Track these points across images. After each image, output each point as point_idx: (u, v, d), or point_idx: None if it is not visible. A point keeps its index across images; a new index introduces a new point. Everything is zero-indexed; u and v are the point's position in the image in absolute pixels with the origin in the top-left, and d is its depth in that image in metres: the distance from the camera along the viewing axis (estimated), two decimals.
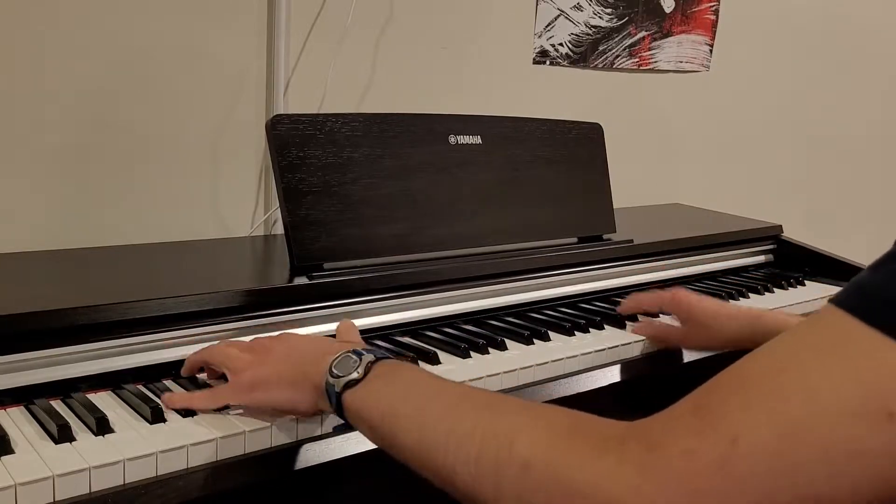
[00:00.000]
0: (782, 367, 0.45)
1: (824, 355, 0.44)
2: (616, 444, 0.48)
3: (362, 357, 0.67)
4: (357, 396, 0.65)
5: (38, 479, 0.61)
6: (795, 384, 0.44)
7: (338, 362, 0.67)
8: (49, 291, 0.89)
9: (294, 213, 0.97)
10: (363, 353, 0.67)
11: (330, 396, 0.67)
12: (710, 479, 0.43)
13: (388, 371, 0.66)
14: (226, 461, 0.70)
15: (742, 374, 0.47)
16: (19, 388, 0.75)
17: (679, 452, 0.45)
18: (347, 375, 0.66)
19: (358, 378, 0.65)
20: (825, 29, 2.25)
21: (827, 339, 0.45)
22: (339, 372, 0.67)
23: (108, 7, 1.13)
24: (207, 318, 0.86)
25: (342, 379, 0.66)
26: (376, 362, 0.67)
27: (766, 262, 1.55)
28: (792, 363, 0.45)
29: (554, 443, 0.50)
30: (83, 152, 1.15)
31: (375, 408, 0.63)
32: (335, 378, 0.66)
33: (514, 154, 1.19)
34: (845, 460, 0.41)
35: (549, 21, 1.64)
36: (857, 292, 0.45)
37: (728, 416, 0.44)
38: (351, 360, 0.67)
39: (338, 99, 1.36)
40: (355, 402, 0.65)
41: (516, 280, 1.14)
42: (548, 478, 0.49)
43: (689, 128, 1.99)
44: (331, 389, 0.66)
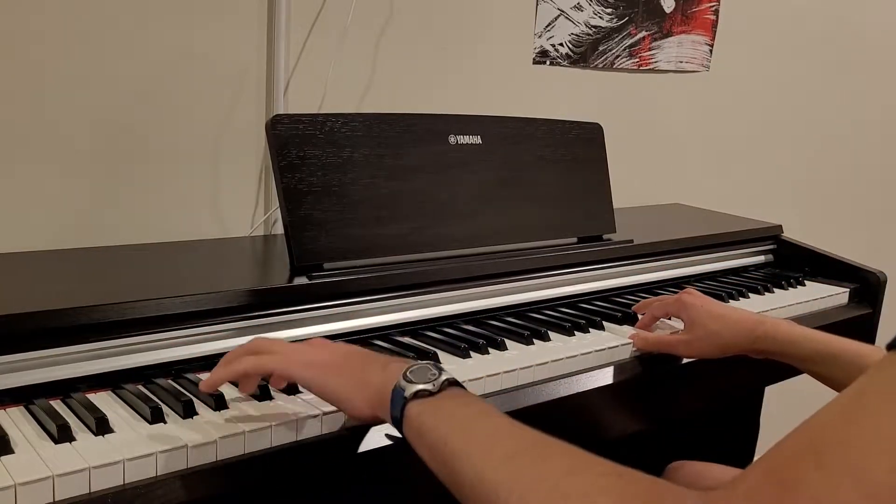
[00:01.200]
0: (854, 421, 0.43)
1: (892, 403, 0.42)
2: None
3: (442, 373, 0.64)
4: (424, 409, 0.62)
5: (38, 479, 0.61)
6: (869, 437, 0.42)
7: (415, 369, 0.65)
8: (49, 291, 0.89)
9: (294, 213, 0.97)
10: (443, 371, 0.65)
11: (395, 401, 0.63)
12: None
13: (462, 395, 0.63)
14: (226, 461, 0.70)
15: (814, 432, 0.45)
16: (19, 388, 0.75)
17: None
18: (422, 383, 0.63)
19: (431, 391, 0.62)
20: (825, 29, 2.25)
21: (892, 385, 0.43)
22: (413, 378, 0.64)
23: (107, 7, 1.13)
24: (207, 318, 0.86)
25: (415, 385, 0.63)
26: (452, 385, 0.64)
27: (766, 262, 1.55)
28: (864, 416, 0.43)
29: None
30: (83, 152, 1.15)
31: (440, 428, 0.60)
32: (408, 382, 0.63)
33: (514, 154, 1.19)
34: None
35: (549, 21, 1.64)
36: None
37: (806, 480, 0.42)
38: (430, 371, 0.64)
39: (338, 99, 1.36)
40: (421, 414, 0.62)
41: (516, 280, 1.14)
42: None
43: (689, 128, 1.99)
44: (398, 393, 0.63)
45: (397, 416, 0.64)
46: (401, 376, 0.64)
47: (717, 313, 1.02)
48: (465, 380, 0.87)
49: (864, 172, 2.51)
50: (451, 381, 0.64)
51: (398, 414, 0.63)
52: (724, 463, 1.18)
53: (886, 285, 1.43)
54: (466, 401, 0.63)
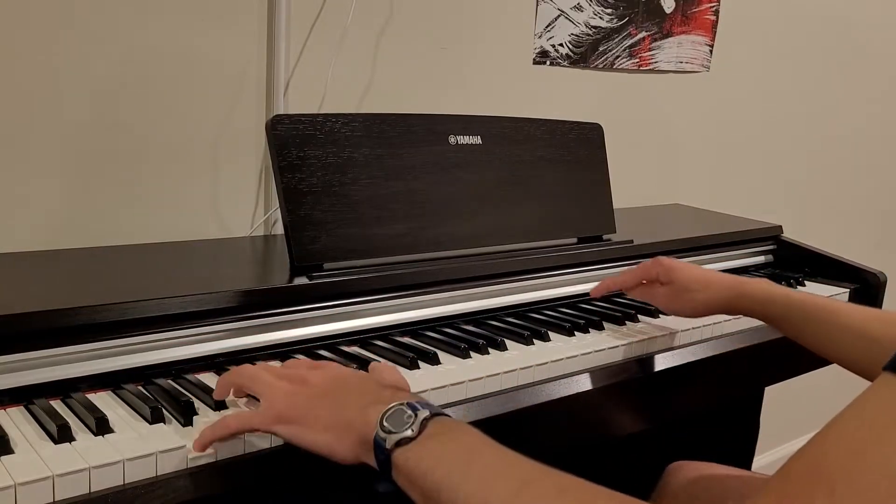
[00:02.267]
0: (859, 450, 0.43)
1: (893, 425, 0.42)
2: None
3: (417, 413, 0.61)
4: (410, 457, 0.59)
5: (38, 479, 0.61)
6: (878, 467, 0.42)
7: (390, 415, 0.62)
8: (49, 291, 0.89)
9: (294, 213, 0.97)
10: (418, 408, 0.62)
11: (378, 453, 0.61)
12: None
13: (445, 431, 0.61)
14: (226, 461, 0.70)
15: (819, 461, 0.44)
16: (19, 388, 0.75)
17: None
18: (401, 432, 0.60)
19: (412, 436, 0.60)
20: (825, 29, 2.25)
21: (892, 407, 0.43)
22: (391, 427, 0.61)
23: (107, 7, 1.13)
24: (207, 318, 0.86)
25: (394, 436, 0.60)
26: (431, 419, 0.61)
27: (766, 262, 1.55)
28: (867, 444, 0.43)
29: None
30: (83, 153, 1.15)
31: (431, 475, 0.58)
32: (386, 433, 0.61)
33: (514, 154, 1.19)
34: None
35: (549, 21, 1.64)
36: None
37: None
38: (405, 414, 0.62)
39: (338, 99, 1.36)
40: (408, 462, 0.59)
41: (516, 280, 1.14)
42: None
43: (689, 128, 1.99)
44: (380, 445, 0.61)
45: (384, 468, 0.62)
46: (378, 427, 0.62)
47: (698, 274, 1.06)
48: (466, 380, 0.87)
49: (864, 172, 2.51)
50: (427, 416, 0.61)
51: (385, 466, 0.62)
52: (724, 463, 1.18)
53: (886, 285, 1.43)
54: (450, 436, 0.60)
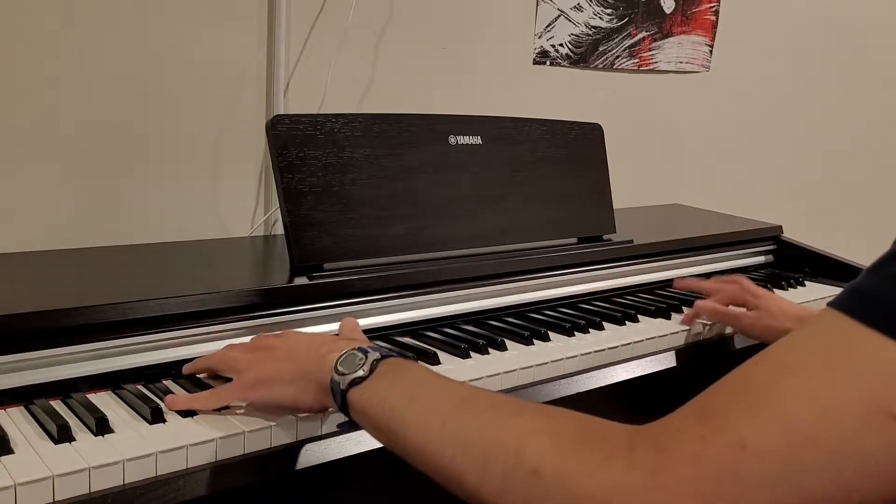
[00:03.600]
0: (785, 370, 0.45)
1: (825, 358, 0.44)
2: (624, 450, 0.47)
3: (367, 354, 0.67)
4: (362, 394, 0.65)
5: (38, 479, 0.61)
6: (799, 388, 0.44)
7: (343, 360, 0.68)
8: (49, 291, 0.89)
9: (294, 213, 0.97)
10: (368, 351, 0.68)
11: (335, 394, 0.67)
12: (717, 484, 0.43)
13: (393, 369, 0.66)
14: (225, 461, 0.70)
15: (746, 377, 0.47)
16: (19, 388, 0.75)
17: (686, 457, 0.45)
18: (353, 373, 0.66)
19: (363, 376, 0.65)
20: (825, 29, 2.25)
21: (827, 341, 0.45)
22: (344, 369, 0.67)
23: (108, 8, 1.13)
24: (207, 318, 0.86)
25: (347, 376, 0.66)
26: (381, 360, 0.67)
27: (767, 262, 1.55)
28: (795, 367, 0.45)
29: (562, 449, 0.50)
30: (83, 153, 1.15)
31: (380, 407, 0.63)
32: (340, 375, 0.67)
33: (514, 154, 1.19)
34: (850, 462, 0.41)
35: (549, 21, 1.64)
36: (854, 294, 0.45)
37: (734, 420, 0.45)
38: (356, 357, 0.67)
39: (338, 99, 1.36)
40: (360, 400, 0.65)
41: (516, 280, 1.14)
42: (556, 485, 0.49)
43: (689, 128, 1.99)
44: (336, 387, 0.67)
45: (341, 406, 0.67)
46: (333, 371, 0.67)
47: (782, 308, 1.10)
48: (466, 380, 0.87)
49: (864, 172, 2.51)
50: (377, 358, 0.67)
51: (341, 404, 0.67)
52: None
53: None
54: (398, 373, 0.65)
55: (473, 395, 0.61)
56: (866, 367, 0.42)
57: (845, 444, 0.42)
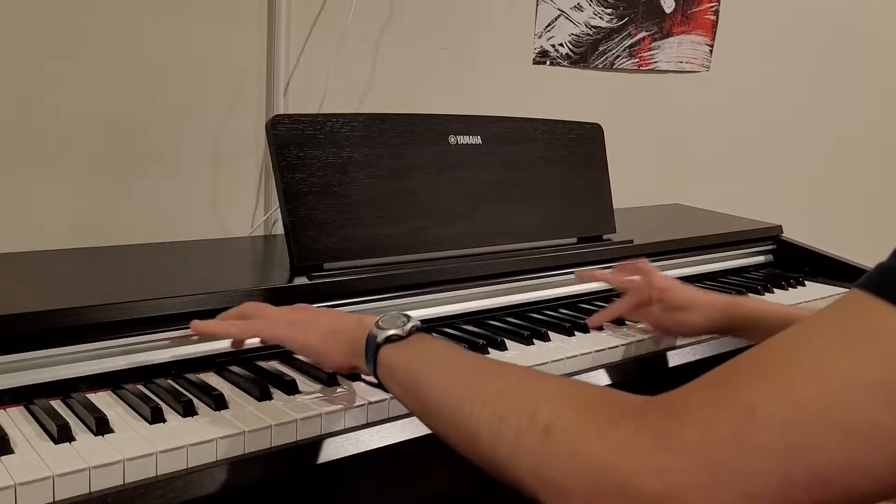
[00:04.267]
0: (800, 342, 0.45)
1: (840, 331, 0.44)
2: (636, 416, 0.48)
3: (410, 320, 0.71)
4: (394, 352, 0.68)
5: (38, 479, 0.62)
6: (812, 359, 0.44)
7: (385, 318, 0.71)
8: (49, 291, 0.89)
9: (294, 213, 0.97)
10: (411, 318, 0.71)
11: (368, 348, 0.70)
12: (724, 450, 0.43)
13: (428, 337, 0.70)
14: (225, 461, 0.70)
15: (763, 350, 0.47)
16: (19, 388, 0.75)
17: (694, 422, 0.45)
18: (392, 329, 0.69)
19: (401, 335, 0.69)
20: (825, 29, 2.25)
21: (846, 316, 0.45)
22: (384, 325, 0.70)
23: (108, 9, 1.13)
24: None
25: (386, 331, 0.69)
26: (420, 329, 0.70)
27: (766, 262, 1.55)
28: (812, 339, 0.45)
29: (575, 411, 0.51)
30: (83, 153, 1.15)
31: (408, 366, 0.66)
32: (379, 329, 0.70)
33: (514, 154, 1.19)
34: (860, 434, 0.41)
35: (549, 21, 1.64)
36: (879, 274, 0.45)
37: (745, 388, 0.45)
38: (399, 319, 0.71)
39: (338, 99, 1.36)
40: (391, 356, 0.68)
41: (516, 280, 1.14)
42: (565, 444, 0.50)
43: (689, 128, 1.99)
44: (371, 340, 0.70)
45: (371, 361, 0.70)
46: (373, 325, 0.71)
47: (689, 297, 1.04)
48: None
49: (864, 172, 2.51)
50: (418, 326, 0.70)
51: (372, 358, 0.70)
52: None
53: None
54: (431, 340, 0.70)
55: (498, 363, 0.64)
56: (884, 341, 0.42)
57: (856, 416, 0.41)
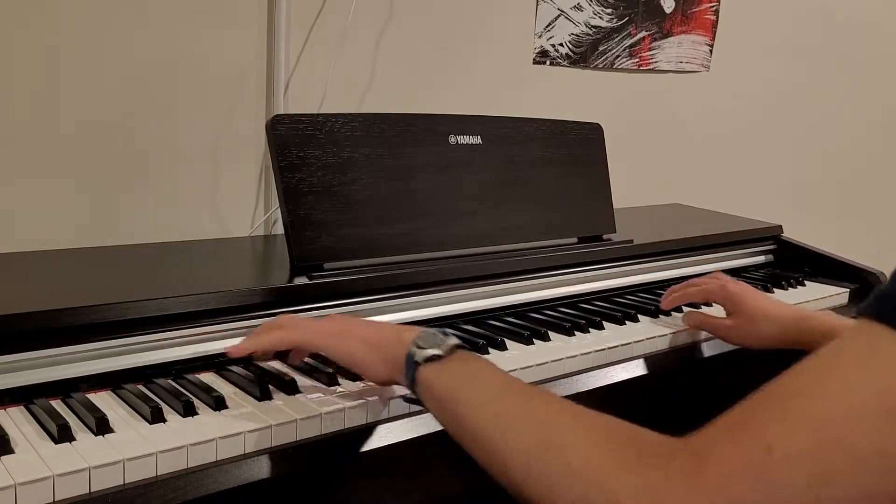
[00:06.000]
0: (814, 377, 0.46)
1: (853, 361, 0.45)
2: (664, 458, 0.49)
3: (448, 337, 0.71)
4: (433, 371, 0.68)
5: (38, 478, 0.61)
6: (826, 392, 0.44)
7: (424, 336, 0.71)
8: (49, 291, 0.89)
9: (294, 213, 0.97)
10: (449, 335, 0.71)
11: (408, 367, 0.70)
12: (746, 487, 0.44)
13: (467, 357, 0.70)
14: (226, 461, 0.70)
15: (778, 386, 0.48)
16: (19, 387, 0.75)
17: (716, 461, 0.46)
18: (431, 349, 0.69)
19: (440, 354, 0.69)
20: (825, 29, 2.25)
21: (855, 346, 0.46)
22: (423, 344, 0.70)
23: (108, 8, 1.13)
24: (207, 318, 0.86)
25: (425, 351, 0.69)
26: (460, 348, 0.70)
27: (766, 262, 1.55)
28: (823, 373, 0.46)
29: (605, 454, 0.52)
30: (84, 153, 1.15)
31: (447, 386, 0.66)
32: (418, 349, 0.70)
33: (514, 154, 1.19)
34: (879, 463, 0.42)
35: (549, 21, 1.64)
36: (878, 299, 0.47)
37: (764, 425, 0.46)
38: (438, 337, 0.71)
39: (338, 99, 1.36)
40: (430, 376, 0.68)
41: (516, 280, 1.14)
42: (593, 486, 0.51)
43: (690, 128, 1.99)
44: (410, 359, 0.70)
45: (411, 379, 0.70)
46: (412, 343, 0.71)
47: (762, 308, 1.05)
48: None
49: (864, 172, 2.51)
50: (458, 344, 0.70)
51: (411, 377, 0.70)
52: None
53: None
54: (472, 360, 0.70)
55: (534, 390, 0.65)
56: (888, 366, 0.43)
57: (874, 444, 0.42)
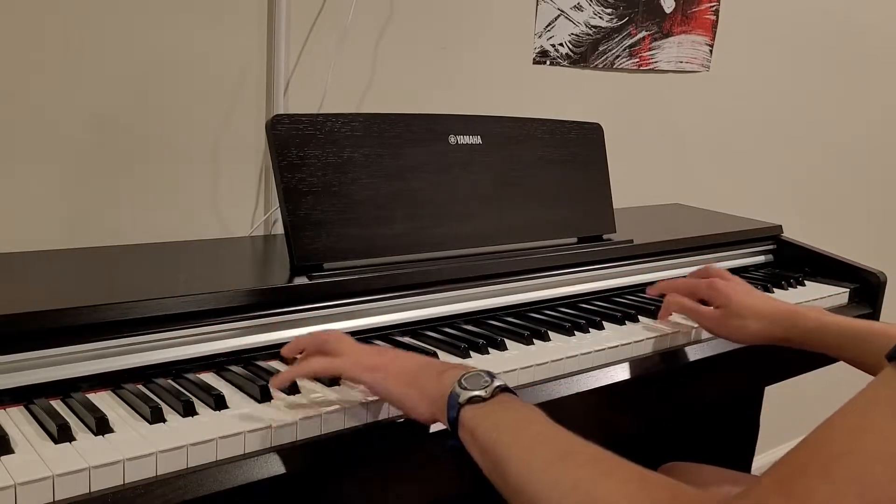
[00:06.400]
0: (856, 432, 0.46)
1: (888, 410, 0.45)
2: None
3: (493, 380, 0.69)
4: (476, 414, 0.67)
5: (38, 478, 0.62)
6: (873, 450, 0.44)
7: (469, 376, 0.70)
8: (49, 291, 0.89)
9: (294, 213, 0.97)
10: (495, 377, 0.70)
11: (450, 407, 0.69)
12: None
13: (511, 401, 0.68)
14: (226, 461, 0.70)
15: (819, 444, 0.47)
16: (19, 387, 0.75)
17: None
18: (475, 390, 0.68)
19: (484, 397, 0.68)
20: (825, 29, 2.25)
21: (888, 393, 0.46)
22: (467, 385, 0.69)
23: (108, 8, 1.13)
24: (207, 318, 0.86)
25: (469, 392, 0.68)
26: (504, 391, 0.69)
27: (766, 262, 1.55)
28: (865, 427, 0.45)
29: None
30: (83, 152, 1.15)
31: (490, 433, 0.65)
32: (462, 389, 0.69)
33: (514, 154, 1.19)
34: None
35: (549, 21, 1.64)
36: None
37: (812, 487, 0.45)
38: (482, 378, 0.70)
39: (338, 99, 1.36)
40: (473, 419, 0.67)
41: (516, 280, 1.14)
42: None
43: (689, 128, 1.99)
44: (454, 399, 0.68)
45: (453, 420, 0.69)
46: (456, 383, 0.69)
47: (750, 305, 1.04)
48: None
49: (864, 172, 2.51)
50: (502, 387, 0.69)
51: (453, 418, 0.68)
52: (723, 463, 1.18)
53: (886, 285, 1.43)
54: (515, 407, 0.68)
55: (577, 446, 0.63)
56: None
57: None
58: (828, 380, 1.53)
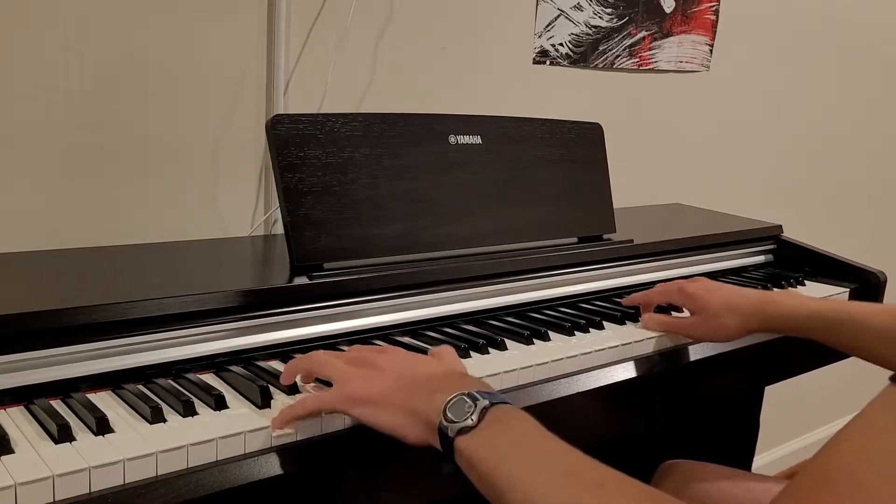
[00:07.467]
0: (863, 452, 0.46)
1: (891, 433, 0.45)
2: None
3: (477, 403, 0.67)
4: (470, 444, 0.65)
5: (38, 478, 0.61)
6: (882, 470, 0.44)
7: (452, 405, 0.67)
8: (49, 291, 0.89)
9: (294, 213, 0.97)
10: (478, 399, 0.67)
11: (442, 439, 0.67)
12: None
13: (503, 418, 0.66)
14: (226, 461, 0.70)
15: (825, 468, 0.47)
16: (19, 387, 0.75)
17: None
18: (462, 421, 0.66)
19: (472, 425, 0.66)
20: (825, 29, 2.25)
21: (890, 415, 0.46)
22: (453, 416, 0.67)
23: (108, 7, 1.13)
24: (207, 318, 0.86)
25: (456, 425, 0.66)
26: (490, 408, 0.67)
27: (766, 262, 1.55)
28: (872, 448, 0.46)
29: None
30: (83, 152, 1.15)
31: (488, 460, 0.64)
32: (449, 423, 0.67)
33: (514, 154, 1.19)
34: None
35: (549, 21, 1.64)
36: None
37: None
38: (465, 404, 0.67)
39: (338, 99, 1.36)
40: (468, 449, 0.65)
41: (516, 280, 1.14)
42: None
43: (690, 128, 1.99)
44: (443, 432, 0.67)
45: (447, 452, 0.67)
46: (441, 416, 0.67)
47: (722, 302, 1.04)
48: None
49: (864, 172, 2.51)
50: (486, 406, 0.66)
51: (447, 450, 0.67)
52: (723, 462, 1.18)
53: (886, 285, 1.43)
54: (508, 424, 0.66)
55: (579, 466, 0.61)
56: None
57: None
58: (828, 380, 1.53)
